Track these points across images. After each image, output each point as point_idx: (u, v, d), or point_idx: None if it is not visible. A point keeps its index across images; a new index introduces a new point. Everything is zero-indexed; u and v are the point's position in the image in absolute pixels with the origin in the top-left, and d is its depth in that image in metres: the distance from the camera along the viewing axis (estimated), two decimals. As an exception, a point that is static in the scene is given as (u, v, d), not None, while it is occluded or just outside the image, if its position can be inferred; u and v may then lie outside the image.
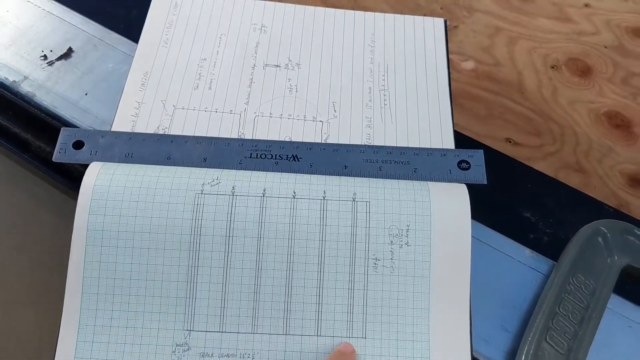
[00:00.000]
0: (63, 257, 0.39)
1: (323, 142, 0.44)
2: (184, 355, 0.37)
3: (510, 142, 0.65)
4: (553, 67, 0.70)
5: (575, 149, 0.65)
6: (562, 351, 0.37)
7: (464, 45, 0.72)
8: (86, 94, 0.46)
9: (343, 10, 0.51)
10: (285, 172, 0.41)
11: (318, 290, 0.38)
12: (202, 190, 0.39)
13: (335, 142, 0.44)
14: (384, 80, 0.47)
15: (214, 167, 0.41)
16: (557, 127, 0.66)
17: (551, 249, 0.43)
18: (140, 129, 0.43)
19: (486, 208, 0.42)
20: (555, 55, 0.71)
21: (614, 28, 0.74)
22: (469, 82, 0.70)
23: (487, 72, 0.70)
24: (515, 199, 0.47)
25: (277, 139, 0.44)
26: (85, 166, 0.40)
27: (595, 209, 0.47)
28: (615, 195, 0.61)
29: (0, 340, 0.52)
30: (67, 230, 0.39)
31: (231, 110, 0.45)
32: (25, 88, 0.47)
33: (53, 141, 0.43)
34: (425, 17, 0.51)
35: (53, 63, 0.48)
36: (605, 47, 0.72)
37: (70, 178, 0.45)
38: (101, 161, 0.41)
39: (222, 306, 0.38)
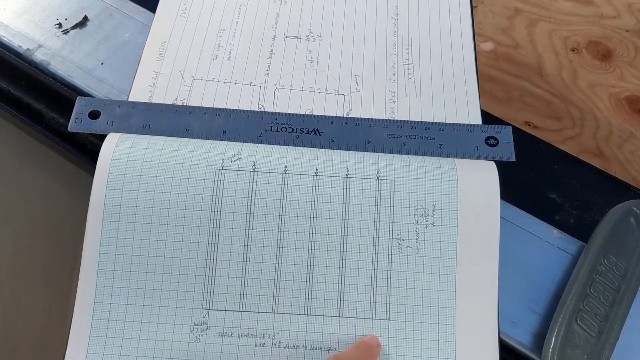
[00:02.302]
0: (76, 232, 0.38)
1: (345, 116, 0.42)
2: (202, 335, 0.36)
3: (529, 125, 0.64)
4: (573, 50, 0.69)
5: (595, 134, 0.63)
6: (593, 333, 0.36)
7: (482, 26, 0.71)
8: (102, 64, 0.45)
9: (365, -18, 0.50)
10: (307, 146, 0.40)
11: (340, 270, 0.37)
12: (222, 166, 0.38)
13: (358, 116, 0.42)
14: (408, 53, 0.46)
15: (234, 140, 0.40)
16: (577, 111, 0.64)
17: (577, 230, 0.42)
18: (158, 99, 0.42)
19: (511, 188, 0.41)
20: (576, 38, 0.70)
21: (636, 12, 0.72)
22: (488, 63, 0.68)
23: (506, 53, 0.69)
24: (540, 179, 0.46)
25: (298, 112, 0.42)
26: (100, 138, 0.39)
27: (621, 191, 0.46)
28: (635, 181, 0.60)
29: (10, 318, 0.51)
30: (81, 205, 0.38)
31: (251, 82, 0.43)
32: (39, 56, 0.45)
33: (67, 112, 0.41)
34: (450, -8, 0.50)
35: (68, 32, 0.46)
36: (627, 31, 0.70)
37: (84, 151, 0.44)
38: (118, 132, 0.39)
39: (242, 285, 0.37)
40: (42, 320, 0.50)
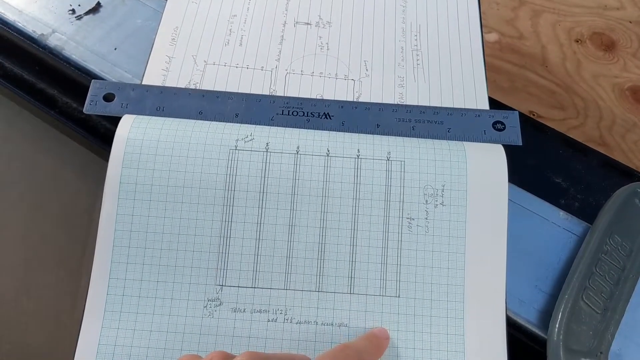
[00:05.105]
0: (88, 216, 0.39)
1: (355, 100, 0.43)
2: (215, 311, 0.37)
3: (533, 115, 0.65)
4: (577, 41, 0.70)
5: (598, 124, 0.64)
6: (599, 310, 0.37)
7: (487, 17, 0.71)
8: (115, 49, 0.46)
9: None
10: (318, 129, 0.41)
11: (351, 248, 0.38)
12: (236, 146, 0.39)
13: (367, 100, 0.43)
14: (416, 40, 0.46)
15: (246, 123, 0.40)
16: (581, 101, 0.65)
17: (582, 214, 0.43)
18: (171, 83, 0.42)
19: (517, 172, 0.41)
20: (580, 29, 0.71)
21: (639, 3, 0.73)
22: (492, 54, 0.69)
23: (510, 44, 0.70)
24: (546, 164, 0.47)
25: (308, 96, 0.43)
26: (113, 123, 0.40)
27: (626, 176, 0.47)
28: (638, 170, 0.60)
29: (21, 300, 0.52)
30: (93, 188, 0.39)
31: (262, 67, 0.44)
32: (53, 42, 0.46)
33: (80, 97, 0.42)
34: (457, -21, 0.50)
35: (81, 17, 0.47)
36: (630, 22, 0.71)
37: (96, 135, 0.45)
38: (132, 114, 0.40)
39: (255, 262, 0.38)
40: (53, 302, 0.51)
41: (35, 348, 0.51)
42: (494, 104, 0.46)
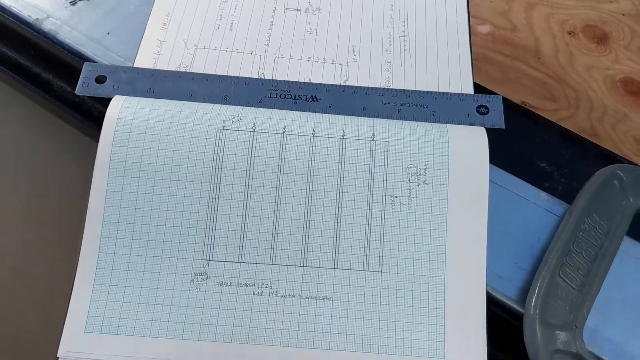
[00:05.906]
0: (83, 201, 0.40)
1: (342, 84, 0.44)
2: (202, 284, 0.38)
3: (525, 105, 0.65)
4: (570, 34, 0.70)
5: (589, 115, 0.65)
6: (575, 286, 0.37)
7: (480, 9, 0.72)
8: (108, 34, 0.47)
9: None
10: (305, 112, 0.42)
11: (336, 224, 0.39)
12: (223, 126, 0.40)
13: (355, 84, 0.44)
14: (404, 26, 0.47)
15: (235, 105, 0.41)
16: (573, 92, 0.66)
17: (565, 197, 0.43)
18: (162, 66, 0.44)
19: (502, 156, 0.42)
20: (573, 21, 0.71)
21: (632, -4, 0.74)
22: (485, 45, 0.70)
23: (503, 36, 0.70)
24: (531, 149, 0.47)
25: (296, 80, 0.44)
26: (106, 105, 0.41)
27: (611, 162, 0.47)
28: (628, 160, 0.61)
29: (16, 284, 0.53)
30: (88, 173, 0.40)
31: (252, 51, 0.45)
32: (47, 26, 0.47)
33: (74, 80, 0.43)
34: (445, -32, 0.51)
35: (75, 3, 0.48)
36: (623, 15, 0.72)
37: (90, 118, 0.46)
38: (124, 95, 0.41)
39: (241, 237, 0.39)
40: (50, 285, 0.52)
41: (29, 333, 0.52)
42: (487, 90, 0.47)
